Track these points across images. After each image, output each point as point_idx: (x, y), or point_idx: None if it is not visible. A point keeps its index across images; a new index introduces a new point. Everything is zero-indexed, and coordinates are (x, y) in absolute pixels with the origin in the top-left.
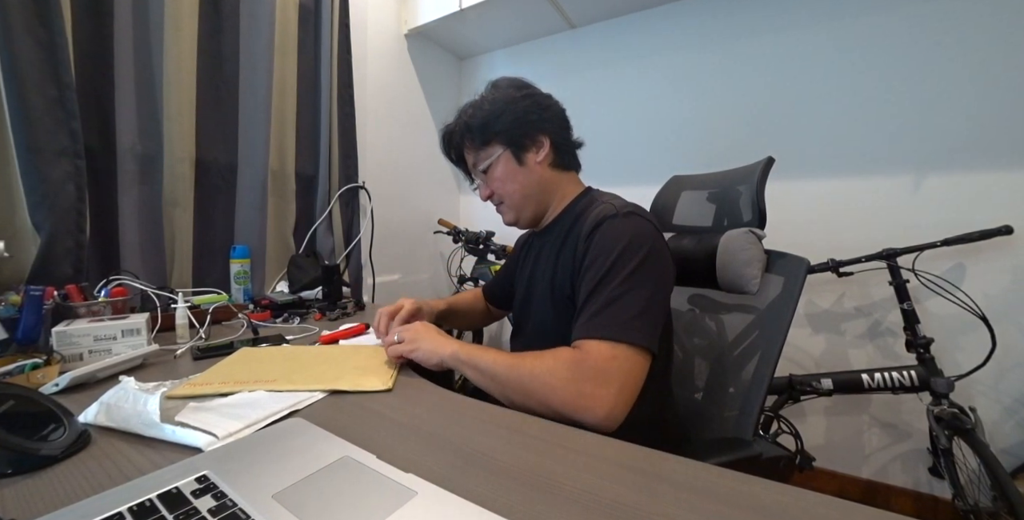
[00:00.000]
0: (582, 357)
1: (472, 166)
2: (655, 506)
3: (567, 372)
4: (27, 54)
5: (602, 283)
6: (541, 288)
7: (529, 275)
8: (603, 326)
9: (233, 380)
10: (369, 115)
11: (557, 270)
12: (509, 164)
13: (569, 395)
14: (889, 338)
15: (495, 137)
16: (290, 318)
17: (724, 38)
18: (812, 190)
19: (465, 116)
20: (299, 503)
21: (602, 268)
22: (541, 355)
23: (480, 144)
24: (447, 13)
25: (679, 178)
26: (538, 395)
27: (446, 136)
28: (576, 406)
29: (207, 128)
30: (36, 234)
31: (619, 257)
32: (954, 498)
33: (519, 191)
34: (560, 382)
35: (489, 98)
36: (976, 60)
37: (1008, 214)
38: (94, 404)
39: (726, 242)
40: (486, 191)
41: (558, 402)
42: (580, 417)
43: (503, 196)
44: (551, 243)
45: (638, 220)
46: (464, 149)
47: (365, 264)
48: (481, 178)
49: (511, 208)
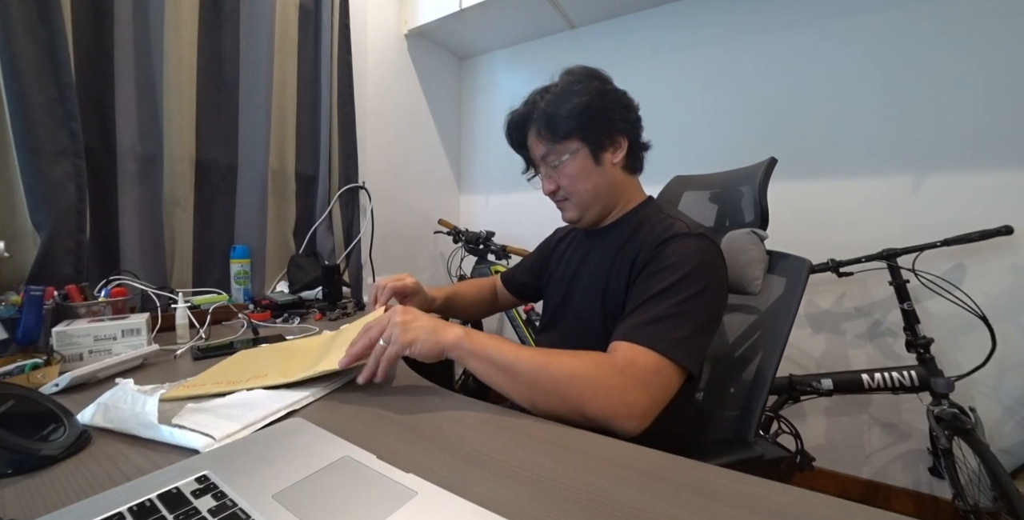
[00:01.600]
0: (626, 364)
1: (540, 157)
2: (655, 506)
3: (612, 379)
4: (27, 54)
5: (660, 296)
6: (588, 288)
7: (574, 273)
8: (654, 337)
9: (227, 380)
10: (369, 115)
11: (612, 275)
12: (586, 162)
13: (611, 402)
14: (889, 338)
15: (575, 132)
16: (290, 318)
17: (724, 38)
18: (812, 190)
19: (543, 103)
20: (299, 503)
21: (663, 282)
22: (578, 355)
23: (558, 137)
24: (447, 13)
25: (681, 178)
26: (572, 399)
27: (515, 121)
28: (616, 414)
29: (207, 128)
30: (36, 234)
31: (684, 277)
32: (954, 498)
33: (591, 191)
34: (603, 388)
35: (571, 89)
36: (977, 60)
37: (1008, 214)
38: (91, 405)
39: (728, 243)
40: (551, 185)
41: (597, 408)
42: (617, 425)
43: (572, 194)
44: (607, 246)
45: (708, 243)
46: (533, 138)
47: (365, 264)
48: (548, 171)
49: (577, 206)
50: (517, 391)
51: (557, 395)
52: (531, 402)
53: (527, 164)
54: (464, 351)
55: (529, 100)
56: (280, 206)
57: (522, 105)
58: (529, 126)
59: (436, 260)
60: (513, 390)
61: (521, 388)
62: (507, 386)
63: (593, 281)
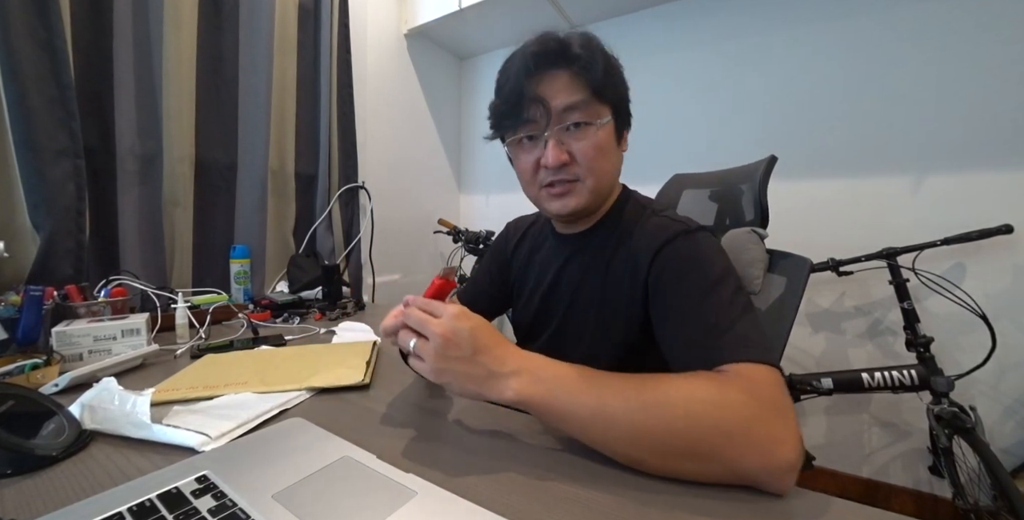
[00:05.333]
0: (750, 384)
1: (562, 109)
2: (656, 506)
3: (748, 408)
4: (27, 54)
5: (705, 304)
6: (578, 299)
7: (552, 282)
8: (743, 347)
9: (203, 385)
10: (369, 115)
11: (608, 284)
12: (611, 138)
13: (758, 439)
14: (889, 337)
15: (611, 99)
16: (290, 318)
17: (724, 37)
18: (811, 189)
19: (593, 49)
20: (299, 503)
21: (699, 287)
22: (688, 381)
23: (597, 92)
24: (446, 13)
25: (681, 176)
26: (704, 445)
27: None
28: (765, 457)
29: (207, 128)
30: (36, 234)
31: (719, 280)
32: (954, 497)
33: (611, 174)
34: (741, 422)
35: (605, 50)
36: (977, 59)
37: (1008, 213)
38: (74, 405)
39: (728, 242)
40: (561, 154)
41: (734, 453)
42: (770, 471)
43: (591, 172)
44: (594, 251)
45: (709, 235)
46: (562, 80)
47: (365, 264)
48: (562, 135)
49: (591, 191)
50: (613, 448)
51: (685, 445)
52: (636, 461)
53: (514, 120)
54: (530, 406)
55: (559, 38)
56: (280, 206)
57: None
58: (558, 63)
59: (436, 260)
60: (606, 447)
61: (618, 445)
62: (599, 444)
63: (584, 291)
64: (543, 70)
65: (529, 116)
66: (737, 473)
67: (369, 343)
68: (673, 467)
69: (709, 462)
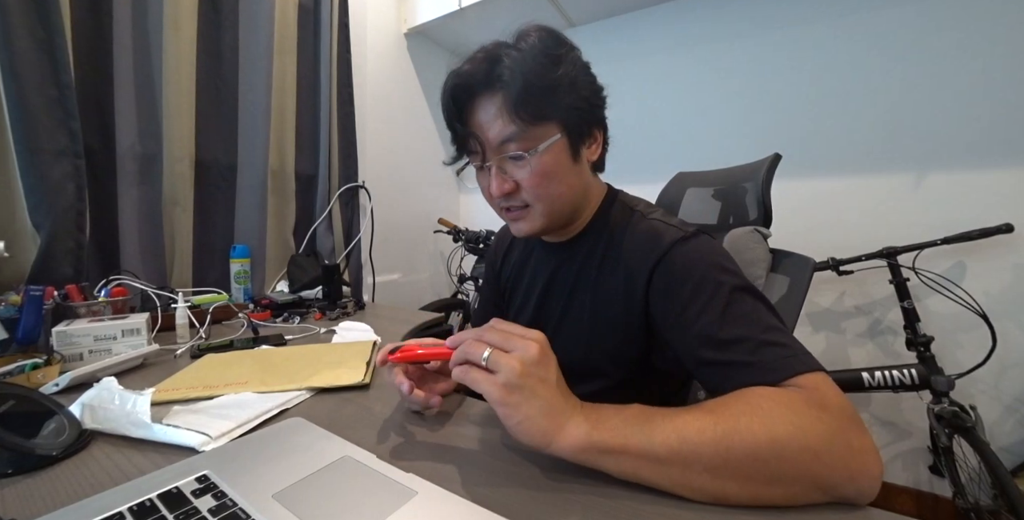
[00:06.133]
0: (817, 396)
1: (498, 141)
2: (656, 506)
3: (823, 422)
4: (27, 54)
5: (730, 316)
6: (570, 306)
7: (544, 290)
8: (790, 357)
9: (203, 384)
10: (369, 115)
11: (599, 289)
12: (562, 157)
13: (840, 454)
14: (889, 336)
15: (556, 115)
16: (290, 318)
17: (725, 36)
18: (811, 188)
19: (512, 63)
20: (299, 503)
21: (716, 297)
22: (758, 403)
23: (531, 117)
24: (446, 12)
25: (684, 175)
26: (791, 467)
27: (465, 80)
28: (852, 470)
29: (207, 128)
30: (36, 234)
31: (735, 287)
32: (955, 496)
33: (565, 196)
34: (823, 438)
35: (551, 52)
36: (977, 59)
37: (1008, 212)
38: (75, 405)
39: (731, 241)
40: (507, 184)
41: (824, 471)
42: (857, 483)
43: (540, 198)
44: (583, 257)
45: (710, 240)
46: (491, 110)
47: (365, 263)
48: (503, 163)
49: (544, 216)
50: (693, 485)
51: (770, 473)
52: (718, 495)
53: (458, 148)
54: (596, 454)
55: (488, 54)
56: (280, 206)
57: (471, 61)
58: (484, 92)
59: (436, 259)
60: (685, 486)
61: (700, 480)
62: (677, 483)
63: (576, 300)
64: (473, 99)
65: (470, 148)
66: (825, 491)
67: (369, 343)
68: (759, 494)
69: (796, 484)
